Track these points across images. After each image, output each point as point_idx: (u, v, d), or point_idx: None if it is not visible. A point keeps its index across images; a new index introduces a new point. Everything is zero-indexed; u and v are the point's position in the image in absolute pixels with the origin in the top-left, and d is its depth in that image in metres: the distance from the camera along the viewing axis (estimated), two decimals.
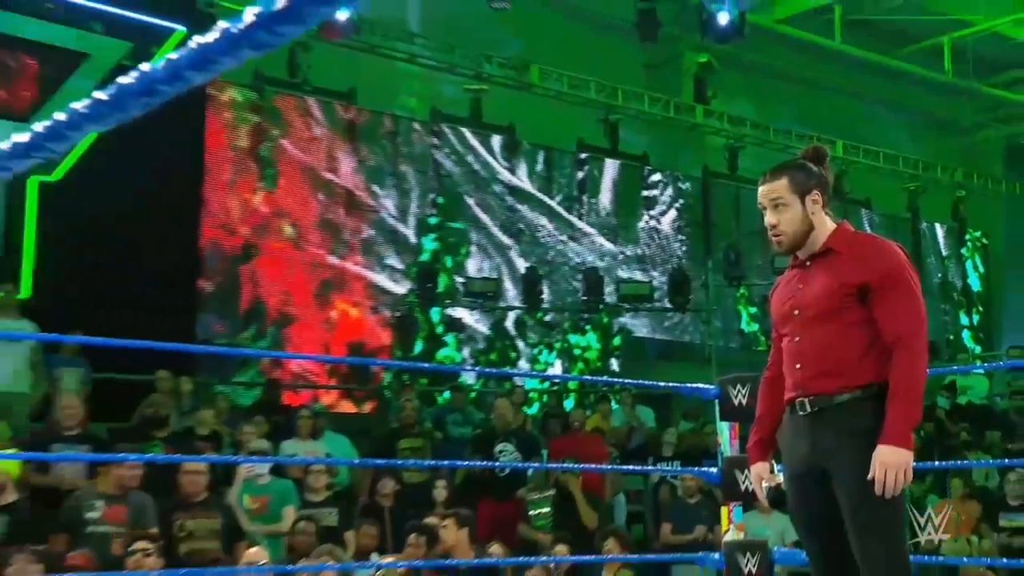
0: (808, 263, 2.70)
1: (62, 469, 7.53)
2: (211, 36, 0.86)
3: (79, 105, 0.97)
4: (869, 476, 2.44)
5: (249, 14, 0.82)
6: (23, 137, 1.11)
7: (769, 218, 2.74)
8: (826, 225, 2.68)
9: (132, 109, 1.01)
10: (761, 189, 2.81)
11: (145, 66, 0.97)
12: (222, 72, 0.97)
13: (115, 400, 9.12)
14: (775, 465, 2.93)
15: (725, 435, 4.84)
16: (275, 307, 12.32)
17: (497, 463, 8.66)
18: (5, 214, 10.19)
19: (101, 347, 8.48)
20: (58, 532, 6.44)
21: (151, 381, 9.03)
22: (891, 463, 2.36)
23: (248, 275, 12.11)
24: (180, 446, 7.85)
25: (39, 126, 1.09)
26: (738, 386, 4.49)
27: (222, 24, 0.87)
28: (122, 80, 0.98)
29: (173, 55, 0.95)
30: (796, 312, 2.68)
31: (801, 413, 2.60)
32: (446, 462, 8.86)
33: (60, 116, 1.00)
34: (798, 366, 2.64)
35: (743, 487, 4.40)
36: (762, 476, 2.86)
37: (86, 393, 8.39)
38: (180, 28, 10.89)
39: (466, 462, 9.08)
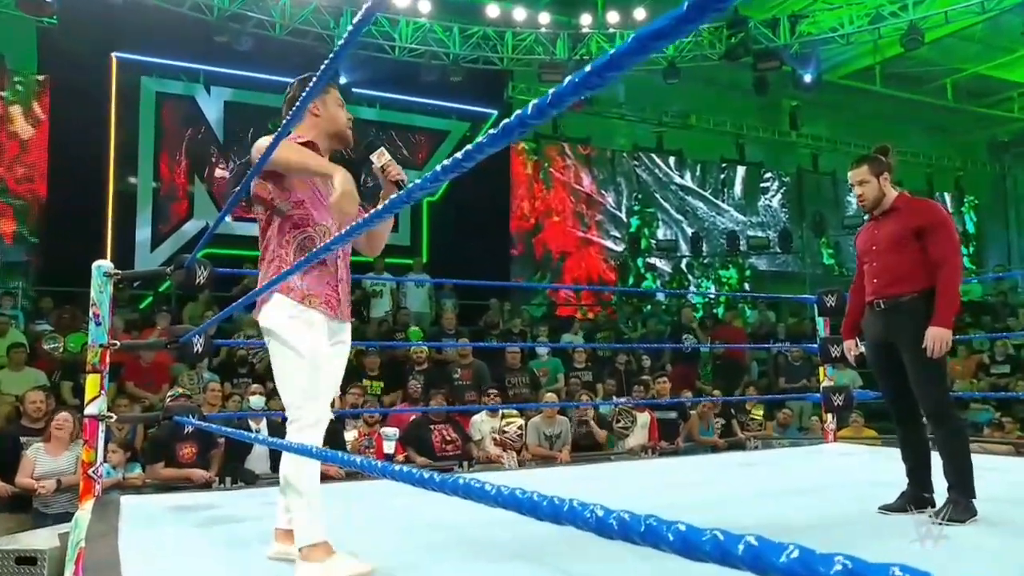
0: (880, 217, 3.17)
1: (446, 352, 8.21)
2: (564, 85, 0.90)
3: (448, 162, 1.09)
4: (923, 345, 2.92)
5: (588, 67, 0.84)
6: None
7: (857, 190, 3.19)
8: (891, 193, 3.17)
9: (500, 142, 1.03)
10: (851, 172, 3.21)
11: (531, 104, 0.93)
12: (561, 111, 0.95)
13: (470, 314, 10.47)
14: (858, 341, 3.43)
15: (821, 324, 5.47)
16: (554, 257, 14.01)
17: (684, 345, 9.57)
18: (411, 221, 12.23)
19: (464, 286, 10.17)
20: (442, 385, 7.56)
21: (488, 304, 10.51)
22: (938, 337, 2.93)
23: (538, 241, 13.84)
24: (503, 339, 9.19)
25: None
26: (828, 295, 5.20)
27: (569, 77, 0.89)
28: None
29: (534, 103, 0.93)
30: (874, 247, 3.17)
31: (877, 309, 3.16)
32: (652, 345, 9.71)
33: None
34: (875, 280, 3.15)
35: (833, 354, 5.03)
36: (851, 348, 3.49)
37: (456, 312, 9.75)
38: (494, 112, 12.92)
39: (665, 345, 9.85)
